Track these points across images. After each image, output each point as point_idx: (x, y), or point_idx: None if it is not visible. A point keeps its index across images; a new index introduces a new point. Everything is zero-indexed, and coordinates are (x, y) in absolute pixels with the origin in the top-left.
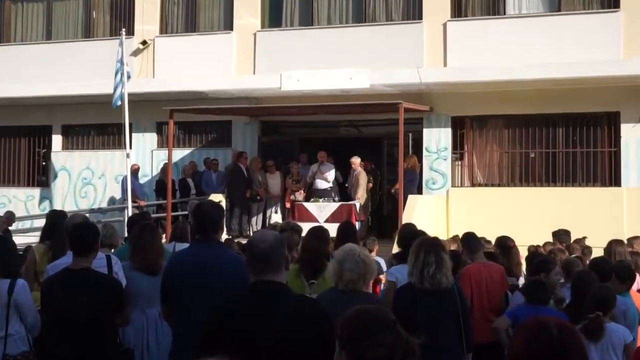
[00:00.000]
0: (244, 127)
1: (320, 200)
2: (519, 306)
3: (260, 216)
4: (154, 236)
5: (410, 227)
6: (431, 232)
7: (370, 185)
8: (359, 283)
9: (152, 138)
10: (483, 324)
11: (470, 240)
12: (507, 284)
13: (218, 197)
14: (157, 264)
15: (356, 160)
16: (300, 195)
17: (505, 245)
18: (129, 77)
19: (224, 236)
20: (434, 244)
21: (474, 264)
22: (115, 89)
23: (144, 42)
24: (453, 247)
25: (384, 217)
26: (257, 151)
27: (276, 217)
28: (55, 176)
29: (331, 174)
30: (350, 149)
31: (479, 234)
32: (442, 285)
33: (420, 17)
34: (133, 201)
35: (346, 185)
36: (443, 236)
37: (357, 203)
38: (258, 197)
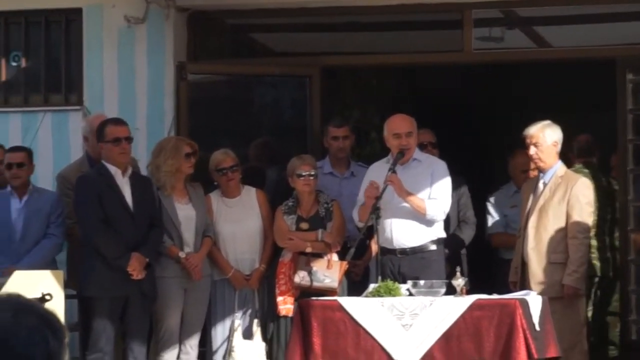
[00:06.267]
0: (123, 31)
1: (403, 289)
2: None
3: (195, 341)
4: None
5: None
6: None
7: (591, 224)
8: None
9: None
10: None
11: None
12: None
13: (37, 279)
14: None
15: (543, 134)
16: (324, 269)
17: None
18: None
19: None
20: None
21: None
22: None
23: None
24: None
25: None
26: (175, 116)
27: (244, 348)
28: None
29: (441, 195)
30: (499, 101)
31: None
32: None
33: None
34: None
35: (489, 233)
36: None
37: (535, 296)
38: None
